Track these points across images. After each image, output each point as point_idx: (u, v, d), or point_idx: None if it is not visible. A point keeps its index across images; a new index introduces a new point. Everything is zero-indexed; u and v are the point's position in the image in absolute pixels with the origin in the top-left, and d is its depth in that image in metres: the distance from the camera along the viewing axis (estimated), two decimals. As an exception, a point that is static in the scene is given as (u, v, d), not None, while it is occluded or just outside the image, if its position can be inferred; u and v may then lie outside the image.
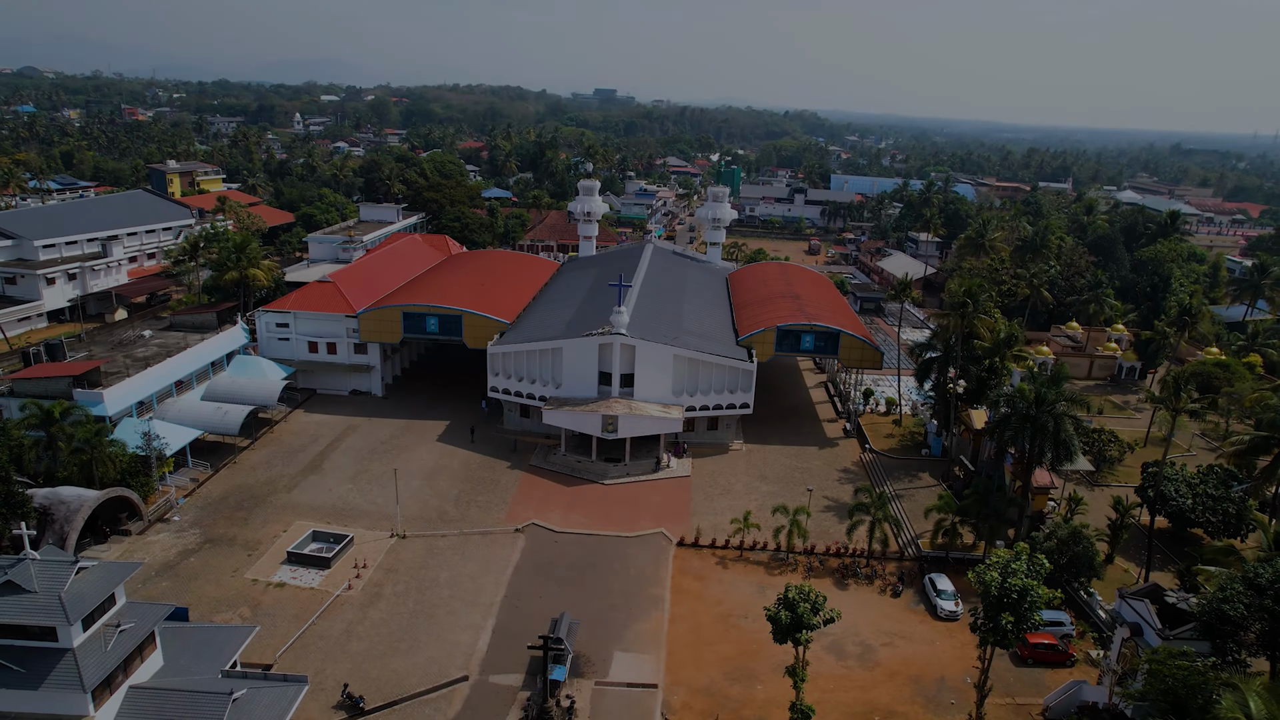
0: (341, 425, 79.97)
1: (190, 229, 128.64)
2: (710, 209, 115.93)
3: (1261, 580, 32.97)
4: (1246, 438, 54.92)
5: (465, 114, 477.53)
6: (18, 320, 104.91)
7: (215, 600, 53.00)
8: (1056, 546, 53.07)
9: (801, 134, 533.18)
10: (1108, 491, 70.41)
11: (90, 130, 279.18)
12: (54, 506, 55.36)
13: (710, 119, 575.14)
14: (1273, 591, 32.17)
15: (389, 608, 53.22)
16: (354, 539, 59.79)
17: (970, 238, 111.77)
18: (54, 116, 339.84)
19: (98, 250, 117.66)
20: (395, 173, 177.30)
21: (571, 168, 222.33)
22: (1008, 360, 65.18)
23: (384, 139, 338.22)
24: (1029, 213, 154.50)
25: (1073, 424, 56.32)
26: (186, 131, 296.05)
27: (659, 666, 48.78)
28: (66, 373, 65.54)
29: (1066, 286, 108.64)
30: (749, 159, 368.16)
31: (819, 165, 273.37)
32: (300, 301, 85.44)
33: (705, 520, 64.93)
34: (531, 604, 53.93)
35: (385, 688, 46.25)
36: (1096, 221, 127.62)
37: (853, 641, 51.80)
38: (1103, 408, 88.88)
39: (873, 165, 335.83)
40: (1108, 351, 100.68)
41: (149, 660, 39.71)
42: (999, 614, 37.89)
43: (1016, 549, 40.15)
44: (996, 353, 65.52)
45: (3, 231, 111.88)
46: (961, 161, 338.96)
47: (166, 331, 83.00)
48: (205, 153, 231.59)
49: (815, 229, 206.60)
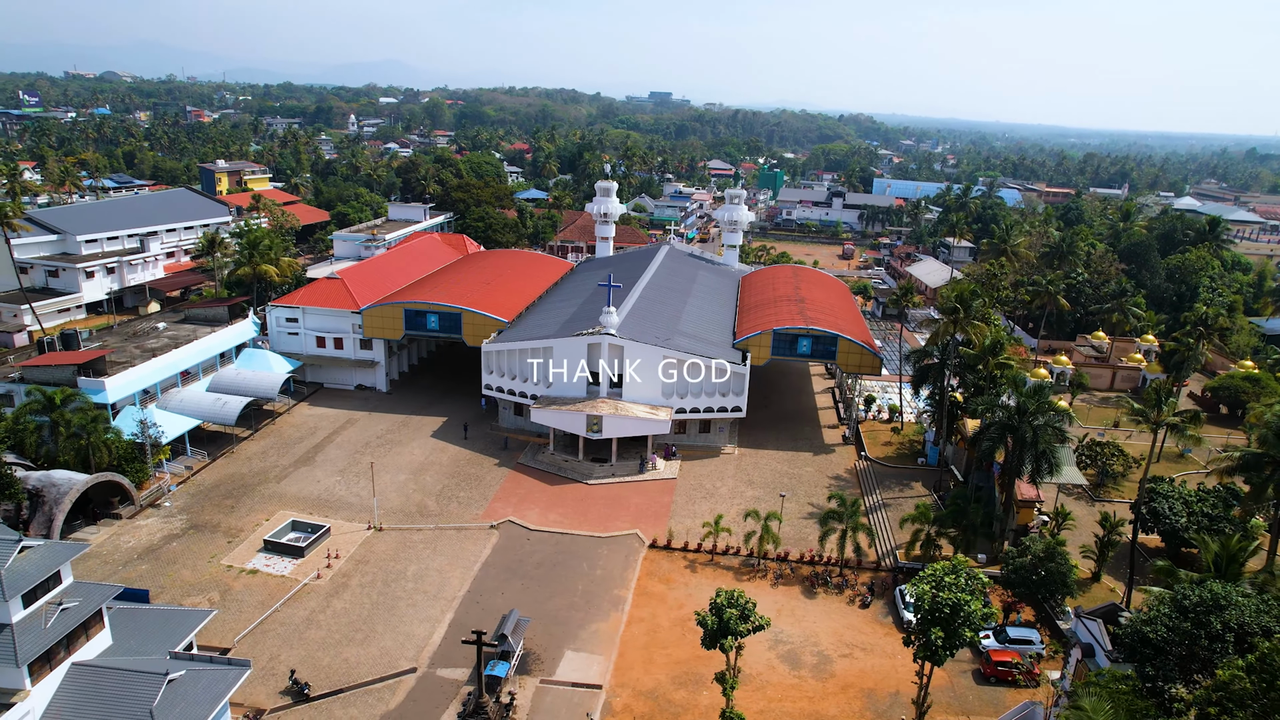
0: (341, 419, 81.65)
1: (225, 226, 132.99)
2: (727, 211, 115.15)
3: (1187, 602, 31.22)
4: (1236, 455, 52.13)
5: (517, 116, 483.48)
6: (57, 311, 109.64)
7: (188, 584, 54.60)
8: (1030, 562, 51.18)
9: (855, 138, 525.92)
10: (1109, 508, 67.67)
11: (154, 132, 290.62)
12: (45, 488, 57.72)
13: (763, 122, 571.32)
14: (1193, 615, 30.44)
15: (352, 598, 54.13)
16: (330, 530, 61.00)
17: (993, 243, 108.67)
18: (124, 119, 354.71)
19: (136, 246, 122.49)
20: (432, 173, 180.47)
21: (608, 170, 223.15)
22: (991, 367, 63.07)
23: (433, 140, 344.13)
24: (1069, 219, 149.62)
25: (1055, 436, 54.26)
26: (245, 132, 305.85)
27: (607, 667, 48.60)
28: (72, 361, 68.28)
29: (1095, 295, 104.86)
30: (796, 162, 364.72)
31: (861, 169, 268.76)
32: (308, 297, 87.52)
33: (683, 523, 64.50)
34: (493, 600, 54.27)
35: (334, 676, 47.06)
36: (1133, 228, 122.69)
37: (811, 651, 50.81)
38: (1119, 420, 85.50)
39: (922, 169, 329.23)
40: (1132, 363, 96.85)
41: (95, 639, 41.08)
42: (929, 629, 36.73)
43: (954, 562, 38.87)
44: (980, 360, 63.50)
45: (49, 226, 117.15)
46: (1014, 166, 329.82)
47: (180, 324, 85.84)
48: (256, 153, 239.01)
49: (852, 233, 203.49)
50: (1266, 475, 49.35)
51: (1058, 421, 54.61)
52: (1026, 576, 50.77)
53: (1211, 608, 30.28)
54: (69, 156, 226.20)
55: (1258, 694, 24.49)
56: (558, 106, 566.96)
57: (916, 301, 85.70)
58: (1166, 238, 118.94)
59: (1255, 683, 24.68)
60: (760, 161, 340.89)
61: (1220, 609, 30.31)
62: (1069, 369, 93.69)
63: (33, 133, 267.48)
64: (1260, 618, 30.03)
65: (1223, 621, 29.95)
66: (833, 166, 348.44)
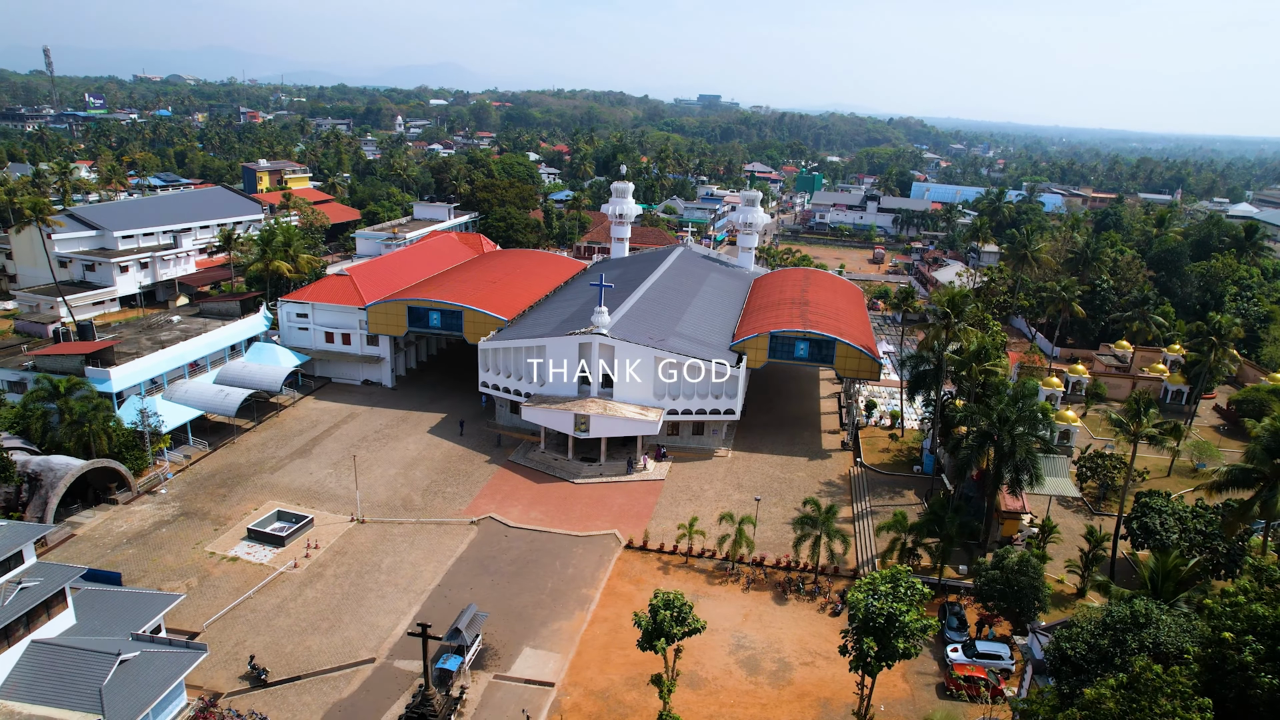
0: (344, 413, 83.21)
1: (256, 223, 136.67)
2: (742, 214, 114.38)
3: (1110, 620, 29.96)
4: (1223, 469, 49.85)
5: (562, 118, 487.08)
6: (92, 304, 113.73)
7: (170, 569, 56.19)
8: (1001, 575, 49.74)
9: (903, 141, 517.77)
10: (1100, 521, 65.47)
11: (207, 132, 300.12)
12: (43, 473, 60.04)
13: (809, 125, 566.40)
14: (1111, 632, 29.18)
15: (325, 588, 55.10)
16: (313, 521, 62.19)
17: (1013, 248, 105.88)
18: (182, 120, 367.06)
19: (170, 242, 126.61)
20: (463, 173, 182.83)
21: (641, 172, 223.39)
22: (975, 373, 61.40)
23: (476, 142, 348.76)
24: (1105, 224, 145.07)
25: (1035, 445, 52.66)
26: (293, 133, 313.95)
27: (563, 666, 48.64)
28: (80, 351, 70.86)
29: (1121, 303, 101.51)
30: (839, 166, 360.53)
31: (900, 172, 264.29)
32: (318, 293, 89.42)
33: (664, 525, 64.22)
34: (461, 595, 54.73)
35: (295, 663, 47.96)
36: (1166, 234, 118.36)
37: (772, 658, 50.14)
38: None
39: (966, 174, 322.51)
40: (1153, 373, 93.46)
41: (58, 618, 42.64)
42: (862, 638, 35.97)
43: (892, 571, 37.98)
44: (964, 366, 61.87)
45: (89, 223, 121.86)
46: (1063, 171, 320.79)
47: (195, 318, 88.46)
48: (300, 153, 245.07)
49: (886, 237, 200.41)
50: (1255, 492, 47.15)
51: (1040, 431, 52.91)
52: (997, 589, 49.33)
53: (1131, 626, 29.03)
54: (124, 156, 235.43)
55: (1121, 715, 23.34)
56: (604, 109, 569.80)
57: (918, 306, 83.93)
58: (1201, 244, 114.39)
59: (1121, 702, 23.52)
60: (802, 165, 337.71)
61: (1140, 627, 29.02)
62: (1085, 378, 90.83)
63: (93, 133, 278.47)
64: (1181, 638, 28.66)
65: (1139, 640, 28.66)
66: (876, 170, 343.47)
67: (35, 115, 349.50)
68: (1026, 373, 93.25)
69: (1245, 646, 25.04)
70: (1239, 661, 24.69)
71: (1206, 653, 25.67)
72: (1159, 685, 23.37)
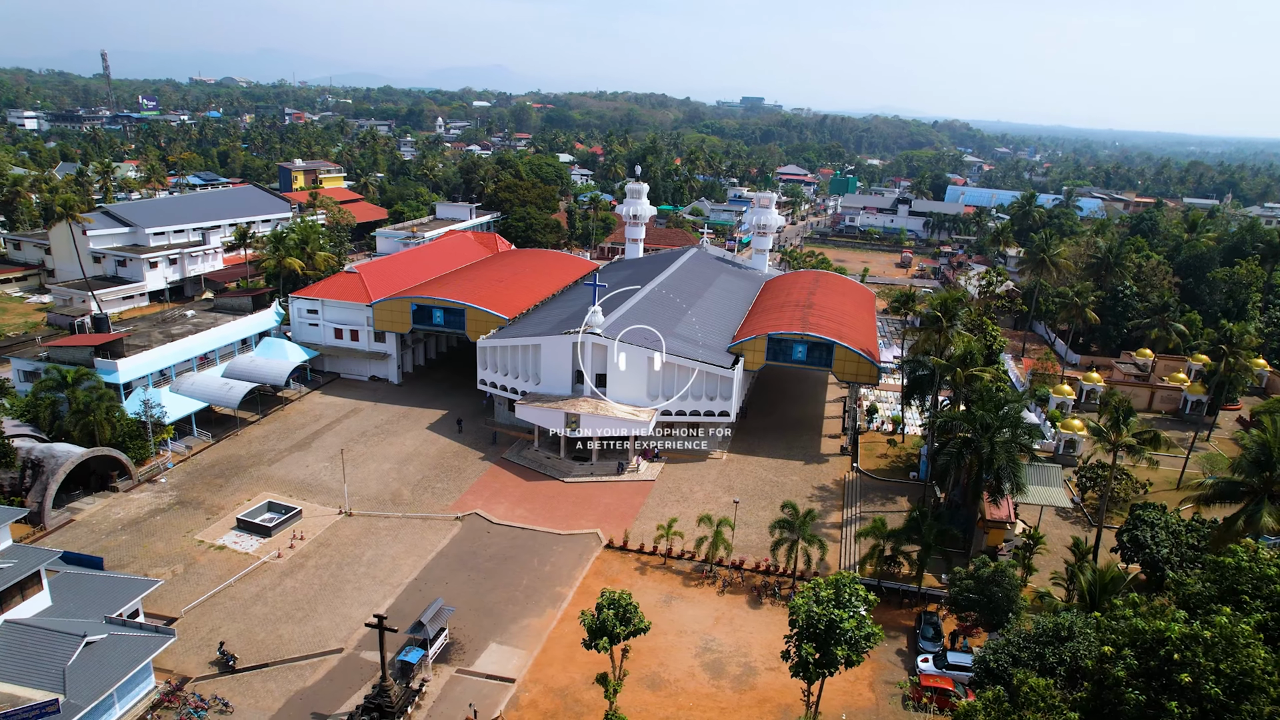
0: (347, 408, 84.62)
1: (284, 221, 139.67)
2: (756, 215, 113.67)
3: (1034, 633, 29.03)
4: (1209, 482, 47.97)
5: (602, 120, 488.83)
6: (122, 299, 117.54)
7: (158, 556, 57.70)
8: (975, 585, 48.60)
9: (947, 144, 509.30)
10: (1109, 534, 63.56)
11: (251, 133, 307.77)
12: (46, 460, 62.14)
13: (851, 128, 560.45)
14: (1030, 648, 28.24)
15: (304, 578, 56.07)
16: (302, 513, 63.31)
17: (1030, 252, 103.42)
18: (230, 121, 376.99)
19: (199, 239, 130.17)
20: (491, 173, 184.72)
21: (670, 173, 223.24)
22: (959, 379, 60.00)
23: (513, 143, 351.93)
24: (1141, 229, 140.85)
25: (1016, 453, 51.37)
26: (334, 133, 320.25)
27: (527, 662, 48.83)
28: (89, 343, 73.18)
29: (1140, 309, 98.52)
30: (878, 169, 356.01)
31: (934, 175, 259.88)
32: (327, 290, 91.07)
33: (648, 526, 63.97)
34: (436, 589, 55.25)
35: (265, 651, 48.89)
36: (1197, 240, 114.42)
37: (738, 662, 49.69)
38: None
39: (1007, 178, 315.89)
40: (1174, 383, 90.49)
41: (33, 599, 44.04)
42: (802, 644, 35.47)
43: (836, 577, 37.38)
44: (949, 370, 60.51)
45: (122, 220, 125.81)
46: (1107, 175, 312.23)
47: (209, 313, 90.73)
48: (337, 153, 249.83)
49: (916, 241, 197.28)
50: (1242, 507, 45.34)
51: (1022, 438, 51.62)
52: (971, 599, 48.23)
53: (1052, 639, 28.12)
54: (169, 156, 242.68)
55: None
56: (644, 111, 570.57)
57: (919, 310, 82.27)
58: (1234, 250, 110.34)
59: (994, 714, 22.71)
60: (837, 168, 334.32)
61: (1062, 641, 28.08)
62: (1099, 386, 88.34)
63: (143, 134, 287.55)
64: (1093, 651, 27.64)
65: (1058, 654, 27.73)
66: (914, 174, 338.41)
67: (92, 117, 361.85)
68: (1039, 379, 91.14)
69: (1119, 661, 24.08)
70: (1112, 676, 23.78)
71: (1098, 667, 24.76)
72: (1031, 699, 22.59)
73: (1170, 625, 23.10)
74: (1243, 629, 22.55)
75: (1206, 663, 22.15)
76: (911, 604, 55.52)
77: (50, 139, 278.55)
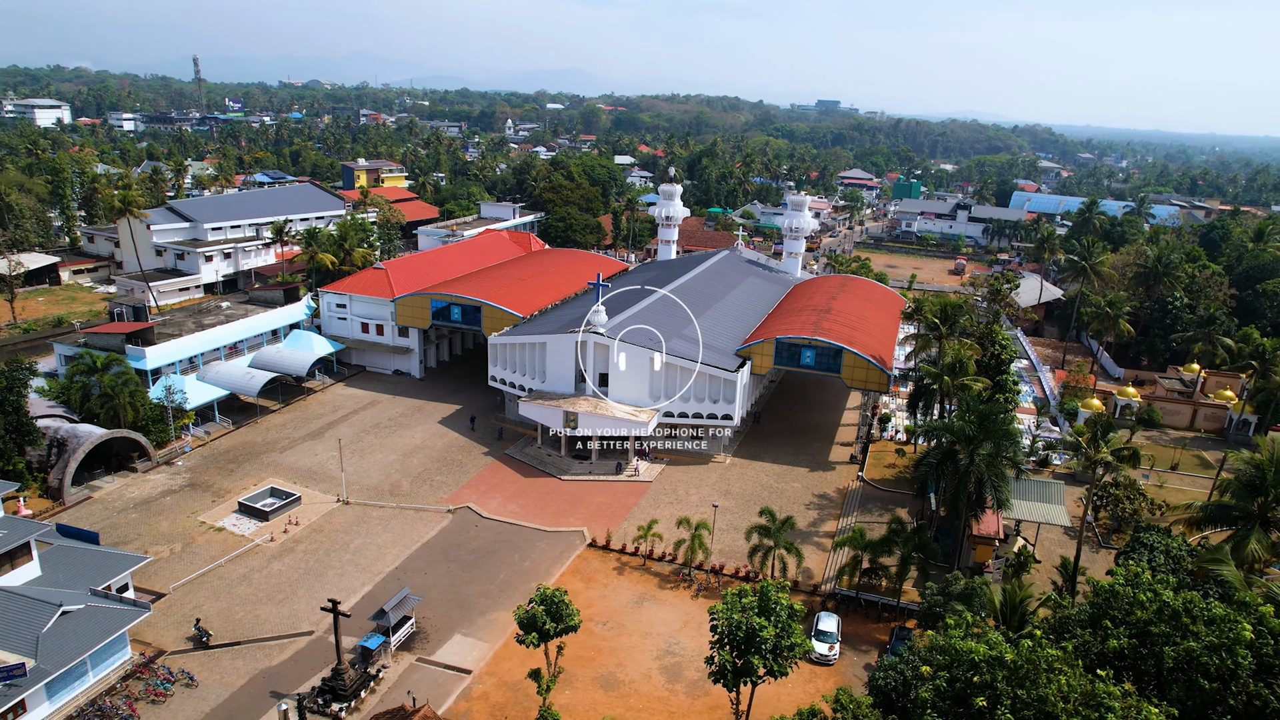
0: (366, 400, 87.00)
1: (338, 218, 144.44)
2: (789, 218, 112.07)
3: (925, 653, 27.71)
4: (1198, 505, 45.00)
5: (671, 122, 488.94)
6: (179, 290, 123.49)
7: (161, 534, 60.46)
8: (943, 601, 46.87)
9: (1025, 150, 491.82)
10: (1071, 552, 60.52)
11: (325, 134, 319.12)
12: (70, 439, 65.89)
13: (926, 132, 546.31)
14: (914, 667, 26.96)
15: (292, 562, 57.91)
16: (301, 499, 65.40)
17: (1071, 260, 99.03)
18: (309, 122, 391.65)
19: (254, 234, 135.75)
20: (543, 174, 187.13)
21: (725, 176, 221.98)
22: (947, 387, 57.82)
23: (579, 145, 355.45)
24: (1211, 239, 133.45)
25: (1003, 468, 49.37)
26: (404, 134, 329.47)
27: (486, 655, 49.34)
28: (122, 330, 77.17)
29: (1186, 321, 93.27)
30: (950, 174, 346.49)
31: (1000, 181, 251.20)
32: (355, 285, 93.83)
33: (636, 526, 63.77)
34: (414, 578, 56.34)
35: (241, 629, 50.72)
36: (1264, 249, 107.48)
37: (697, 667, 48.98)
38: (1178, 462, 75.90)
39: (1084, 185, 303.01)
40: (1220, 399, 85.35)
41: (23, 568, 46.73)
42: (719, 651, 34.89)
43: (761, 585, 36.60)
44: (937, 380, 58.40)
45: (184, 215, 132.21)
46: (1193, 182, 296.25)
47: (243, 305, 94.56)
48: (403, 153, 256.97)
49: (975, 248, 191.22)
50: (1232, 533, 42.53)
51: (1007, 451, 49.59)
52: (939, 614, 46.51)
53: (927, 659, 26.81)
54: (245, 155, 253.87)
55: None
56: (715, 114, 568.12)
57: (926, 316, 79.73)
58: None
59: None
60: (902, 172, 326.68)
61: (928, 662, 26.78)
62: (1135, 401, 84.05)
63: (225, 134, 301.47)
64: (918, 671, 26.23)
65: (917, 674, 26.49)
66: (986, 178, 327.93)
67: (183, 118, 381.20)
68: (1070, 393, 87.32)
69: (931, 682, 22.75)
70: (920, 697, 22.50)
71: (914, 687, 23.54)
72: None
73: (977, 647, 21.86)
74: (1048, 654, 21.15)
75: (1004, 688, 20.97)
76: (890, 618, 53.92)
77: (143, 139, 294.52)
